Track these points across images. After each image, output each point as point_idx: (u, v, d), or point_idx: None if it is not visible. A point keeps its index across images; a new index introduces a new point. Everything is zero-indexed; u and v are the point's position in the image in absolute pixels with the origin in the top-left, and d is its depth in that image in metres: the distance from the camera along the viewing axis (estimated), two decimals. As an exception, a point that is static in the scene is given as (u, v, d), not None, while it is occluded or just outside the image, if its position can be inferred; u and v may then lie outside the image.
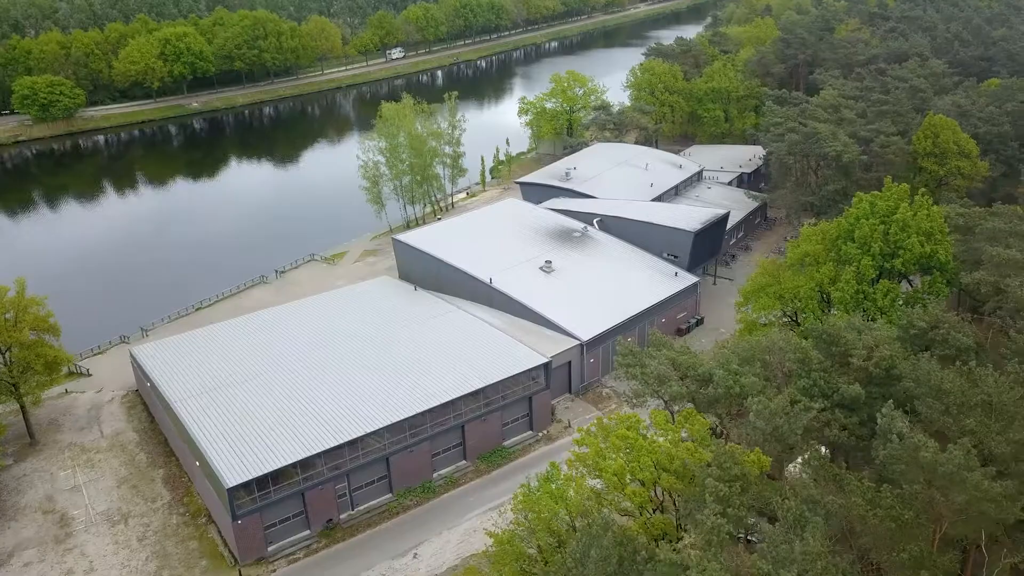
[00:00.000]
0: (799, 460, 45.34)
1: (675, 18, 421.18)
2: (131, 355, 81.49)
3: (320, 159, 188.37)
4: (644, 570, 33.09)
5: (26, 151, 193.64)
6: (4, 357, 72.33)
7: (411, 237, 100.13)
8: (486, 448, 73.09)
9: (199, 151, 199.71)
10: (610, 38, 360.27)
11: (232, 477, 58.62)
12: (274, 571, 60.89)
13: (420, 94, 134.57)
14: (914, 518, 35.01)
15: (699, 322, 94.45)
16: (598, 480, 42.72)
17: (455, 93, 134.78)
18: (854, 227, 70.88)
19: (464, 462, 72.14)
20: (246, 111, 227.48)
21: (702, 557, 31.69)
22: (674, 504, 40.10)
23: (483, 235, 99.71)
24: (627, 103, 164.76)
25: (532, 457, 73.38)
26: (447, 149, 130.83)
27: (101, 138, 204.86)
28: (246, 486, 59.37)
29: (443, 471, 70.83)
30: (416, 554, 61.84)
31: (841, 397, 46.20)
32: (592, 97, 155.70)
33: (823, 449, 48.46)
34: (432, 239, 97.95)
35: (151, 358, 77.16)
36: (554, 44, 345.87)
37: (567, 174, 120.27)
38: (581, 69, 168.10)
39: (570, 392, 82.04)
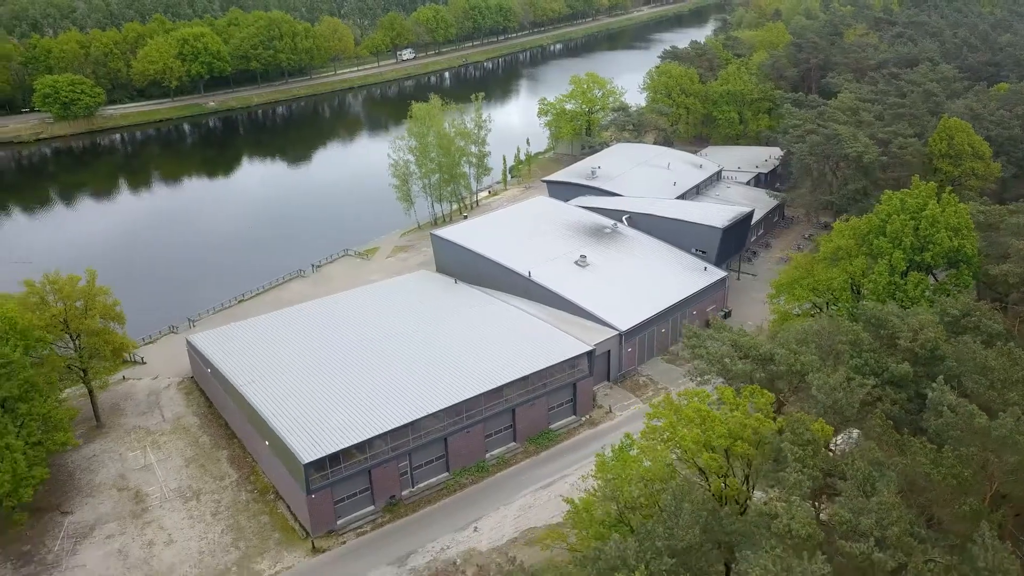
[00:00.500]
0: (853, 433, 49.26)
1: (677, 21, 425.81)
2: (188, 343, 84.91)
3: (335, 158, 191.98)
4: (733, 522, 36.88)
5: (46, 148, 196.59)
6: (75, 343, 75.84)
7: (449, 232, 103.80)
8: (534, 431, 76.88)
9: (216, 150, 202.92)
10: (614, 41, 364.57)
11: (307, 454, 62.29)
12: (344, 543, 64.52)
13: (430, 94, 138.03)
14: (972, 475, 39.06)
15: (727, 315, 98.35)
16: (673, 451, 46.49)
17: (482, 94, 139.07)
18: (885, 223, 74.97)
19: (514, 444, 75.92)
20: (260, 111, 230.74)
21: (789, 506, 35.56)
22: (749, 467, 43.93)
23: (517, 231, 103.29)
24: (642, 104, 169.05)
25: (576, 440, 77.22)
26: (473, 148, 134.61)
27: (118, 136, 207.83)
28: (319, 463, 63.02)
29: (495, 452, 74.61)
30: (477, 527, 65.62)
31: (891, 375, 50.25)
32: (611, 99, 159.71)
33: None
34: (469, 234, 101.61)
35: (211, 345, 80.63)
36: (559, 46, 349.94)
37: (593, 173, 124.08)
38: (586, 71, 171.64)
39: (608, 380, 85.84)
